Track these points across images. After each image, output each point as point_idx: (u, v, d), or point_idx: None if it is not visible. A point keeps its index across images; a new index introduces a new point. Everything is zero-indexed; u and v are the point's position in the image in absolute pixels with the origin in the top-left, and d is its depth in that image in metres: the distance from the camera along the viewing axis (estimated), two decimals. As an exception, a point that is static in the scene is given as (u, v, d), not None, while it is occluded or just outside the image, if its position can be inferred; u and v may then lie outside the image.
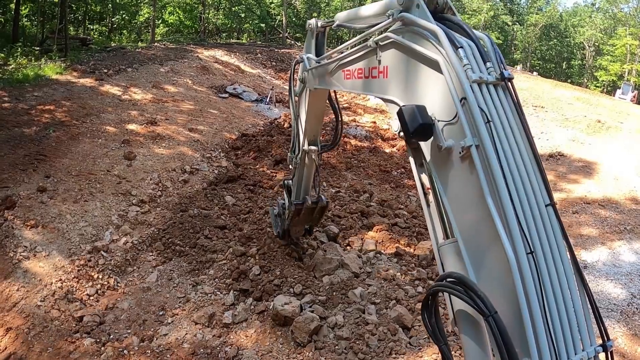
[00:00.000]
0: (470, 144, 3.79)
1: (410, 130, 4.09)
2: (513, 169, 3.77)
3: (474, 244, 3.92)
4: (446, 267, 4.26)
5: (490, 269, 3.75)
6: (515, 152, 3.86)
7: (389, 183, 15.98)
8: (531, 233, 3.64)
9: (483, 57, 4.08)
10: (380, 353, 8.16)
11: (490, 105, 3.91)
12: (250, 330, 8.76)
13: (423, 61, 4.40)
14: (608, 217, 15.11)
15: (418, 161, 4.76)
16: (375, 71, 5.39)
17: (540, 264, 3.59)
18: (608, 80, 79.84)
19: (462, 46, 4.01)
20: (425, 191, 4.72)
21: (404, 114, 4.15)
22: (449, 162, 4.09)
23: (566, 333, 3.56)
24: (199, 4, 57.57)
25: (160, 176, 14.49)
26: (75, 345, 8.48)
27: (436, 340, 4.19)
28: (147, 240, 11.64)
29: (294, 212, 9.60)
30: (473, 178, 3.84)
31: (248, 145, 18.41)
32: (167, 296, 9.85)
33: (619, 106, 28.59)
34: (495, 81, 4.03)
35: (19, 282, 9.45)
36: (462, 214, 4.05)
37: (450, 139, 4.03)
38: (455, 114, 3.94)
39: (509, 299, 3.52)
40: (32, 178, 12.59)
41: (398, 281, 10.10)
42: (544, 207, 3.85)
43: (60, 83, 21.97)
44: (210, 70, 30.96)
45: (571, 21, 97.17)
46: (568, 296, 3.67)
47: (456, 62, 3.94)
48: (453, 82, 3.96)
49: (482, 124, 3.74)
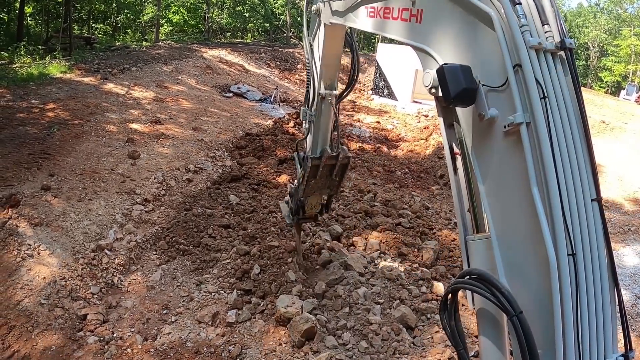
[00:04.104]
0: (521, 122, 3.33)
1: (452, 94, 3.54)
2: (564, 156, 3.35)
3: (508, 238, 3.56)
4: (472, 264, 3.90)
5: (522, 267, 3.45)
6: (568, 136, 3.43)
7: (392, 183, 15.97)
8: (574, 232, 3.29)
9: (542, 19, 3.56)
10: (384, 353, 8.16)
11: (547, 77, 3.41)
12: (253, 330, 8.76)
13: (471, 12, 3.74)
14: (612, 218, 15.07)
15: (447, 122, 4.20)
16: (406, 13, 4.59)
17: (579, 266, 3.29)
18: (612, 81, 79.70)
19: (520, 2, 3.47)
20: (453, 156, 4.20)
21: (446, 74, 3.57)
22: (490, 134, 3.62)
23: (592, 339, 3.35)
24: (203, 3, 57.58)
25: (164, 175, 14.50)
26: (79, 343, 8.51)
27: (455, 344, 3.89)
28: (151, 239, 11.65)
29: (311, 171, 8.27)
30: (517, 160, 3.40)
31: (252, 144, 18.42)
32: (171, 295, 9.86)
33: (624, 107, 28.52)
34: (554, 49, 3.50)
35: (23, 280, 9.45)
36: (499, 200, 3.63)
37: (493, 108, 3.55)
38: (505, 81, 3.44)
39: (538, 300, 3.31)
40: (37, 176, 12.61)
41: (402, 281, 10.08)
42: (590, 202, 3.45)
43: (65, 82, 22.02)
44: (214, 70, 30.99)
45: (575, 22, 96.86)
46: (600, 301, 3.42)
47: (513, 20, 3.40)
48: (507, 44, 3.42)
49: (537, 100, 3.28)
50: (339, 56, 7.91)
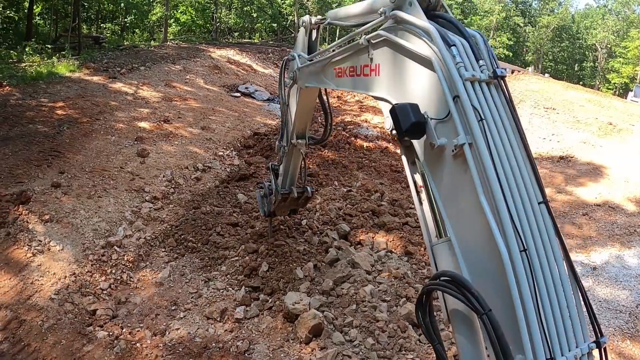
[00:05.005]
0: (463, 142, 3.77)
1: (403, 128, 4.05)
2: (506, 167, 3.76)
3: (467, 242, 3.92)
4: (439, 266, 4.27)
5: (483, 267, 3.75)
6: (508, 150, 3.86)
7: (400, 183, 16.00)
8: (524, 231, 3.63)
9: (476, 55, 4.07)
10: (390, 349, 8.23)
11: (483, 103, 3.89)
12: (261, 326, 8.85)
13: (415, 59, 4.36)
14: (618, 219, 15.06)
15: (410, 159, 4.77)
16: (367, 69, 5.30)
17: (533, 261, 3.58)
18: (620, 82, 79.45)
19: (454, 44, 3.99)
20: (417, 189, 4.70)
21: (397, 112, 4.09)
22: (442, 160, 4.07)
23: (560, 330, 3.56)
24: (211, 3, 57.82)
25: (173, 173, 14.60)
26: (88, 338, 8.59)
27: (430, 339, 4.16)
28: (160, 236, 11.74)
29: (280, 200, 9.83)
30: (466, 176, 3.82)
31: (260, 144, 18.51)
32: (180, 291, 9.95)
33: (631, 108, 28.33)
34: (488, 79, 4.00)
35: (33, 276, 9.56)
36: (455, 213, 4.03)
37: (443, 137, 4.00)
38: (448, 112, 3.91)
39: (502, 296, 3.52)
40: (47, 174, 12.73)
41: (408, 279, 10.15)
42: (537, 204, 3.83)
43: (74, 81, 22.14)
44: (222, 70, 31.08)
45: (583, 23, 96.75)
46: (562, 293, 3.67)
47: (449, 60, 3.92)
48: (446, 80, 3.94)
49: (475, 122, 3.72)
50: (311, 111, 8.87)
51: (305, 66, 7.55)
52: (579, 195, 16.86)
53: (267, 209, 10.50)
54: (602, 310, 10.68)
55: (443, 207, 4.14)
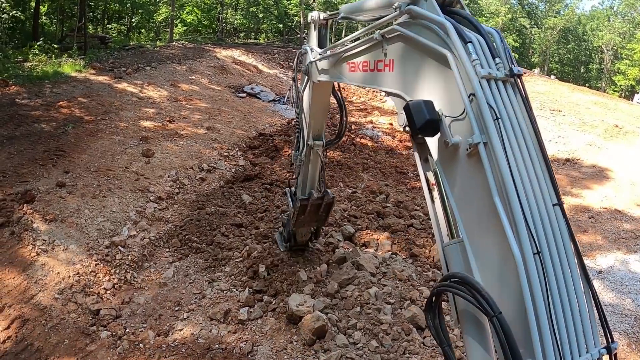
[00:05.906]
0: (478, 141, 3.71)
1: (417, 126, 4.02)
2: (521, 167, 3.70)
3: (479, 243, 3.86)
4: (451, 267, 4.22)
5: (495, 269, 3.70)
6: (524, 150, 3.79)
7: (405, 184, 15.97)
8: (538, 233, 3.57)
9: (492, 52, 4.00)
10: (394, 352, 8.19)
11: (499, 101, 3.82)
12: (265, 327, 8.82)
13: (431, 55, 4.28)
14: (624, 223, 15.00)
15: (423, 156, 4.72)
16: (380, 64, 5.24)
17: (546, 264, 3.52)
18: (626, 84, 79.15)
19: (471, 41, 3.92)
20: (430, 187, 4.66)
21: (411, 109, 4.06)
22: (456, 158, 4.02)
23: (571, 334, 3.51)
24: (217, 4, 57.81)
25: (177, 174, 14.60)
26: (92, 338, 8.60)
27: (440, 341, 4.11)
28: (164, 236, 11.74)
29: (299, 209, 9.27)
30: (480, 176, 3.76)
31: (265, 144, 18.49)
32: (183, 292, 9.94)
33: (637, 111, 28.27)
34: (504, 77, 3.93)
35: (37, 275, 9.57)
36: (468, 212, 3.97)
37: (457, 135, 3.95)
38: (463, 109, 3.85)
39: (514, 299, 3.48)
40: (52, 173, 12.74)
41: (413, 282, 10.12)
42: (552, 206, 3.76)
43: (79, 80, 22.17)
44: (227, 70, 31.07)
45: (589, 25, 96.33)
46: (574, 297, 3.62)
47: (465, 57, 3.85)
48: (461, 78, 3.87)
49: (490, 121, 3.65)
50: (326, 109, 8.79)
51: (318, 60, 7.52)
52: (584, 198, 16.79)
53: (286, 231, 10.31)
54: (607, 314, 10.59)
55: (456, 206, 4.09)
